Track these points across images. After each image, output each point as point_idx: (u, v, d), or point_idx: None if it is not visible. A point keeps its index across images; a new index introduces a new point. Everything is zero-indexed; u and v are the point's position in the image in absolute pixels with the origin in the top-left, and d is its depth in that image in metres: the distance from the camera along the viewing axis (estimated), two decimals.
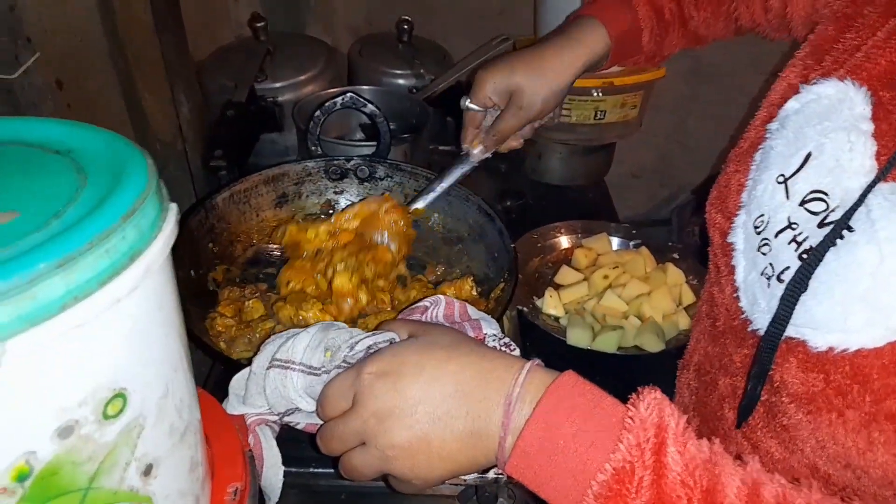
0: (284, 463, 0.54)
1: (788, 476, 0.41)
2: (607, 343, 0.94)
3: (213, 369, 0.76)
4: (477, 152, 0.79)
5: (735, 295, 0.56)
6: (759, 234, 0.52)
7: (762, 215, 0.53)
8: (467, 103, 0.75)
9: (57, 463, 0.30)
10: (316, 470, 0.65)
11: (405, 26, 1.30)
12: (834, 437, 0.47)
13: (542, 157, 1.31)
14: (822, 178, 0.48)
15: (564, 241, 1.15)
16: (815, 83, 0.52)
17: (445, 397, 0.44)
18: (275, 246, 0.80)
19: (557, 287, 1.05)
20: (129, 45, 0.92)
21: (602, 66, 0.79)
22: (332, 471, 0.65)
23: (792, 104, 0.53)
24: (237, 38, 1.34)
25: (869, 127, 0.47)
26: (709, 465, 0.39)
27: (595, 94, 1.23)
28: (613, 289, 1.03)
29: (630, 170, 1.74)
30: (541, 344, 0.95)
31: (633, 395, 0.42)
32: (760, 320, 0.52)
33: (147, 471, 0.35)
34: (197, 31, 1.12)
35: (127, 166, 0.34)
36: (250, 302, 0.69)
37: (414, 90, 1.21)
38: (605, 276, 1.05)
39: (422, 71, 1.27)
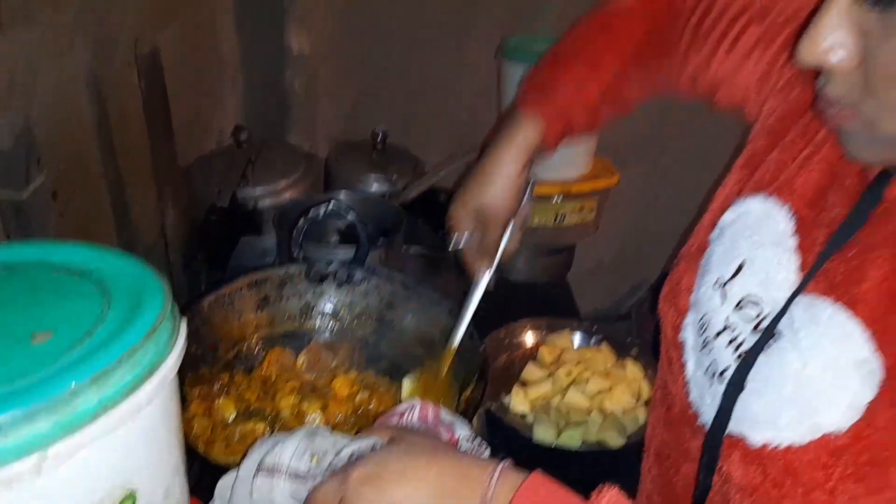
0: None
1: None
2: (571, 439, 0.98)
3: (189, 471, 0.78)
4: (487, 274, 0.81)
5: (686, 389, 0.61)
6: (702, 334, 0.58)
7: (704, 316, 0.59)
8: (454, 243, 0.79)
9: None
10: None
11: (380, 135, 1.39)
12: None
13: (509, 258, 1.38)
14: (754, 286, 0.54)
15: (530, 338, 1.20)
16: (746, 197, 0.58)
17: (426, 499, 0.47)
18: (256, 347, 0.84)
19: (524, 384, 1.10)
20: (121, 157, 0.99)
21: (546, 153, 0.80)
22: None
23: (728, 215, 0.60)
24: (221, 146, 1.42)
25: (793, 242, 0.53)
26: None
27: (555, 200, 1.32)
28: (576, 385, 1.08)
29: (591, 267, 1.82)
30: (508, 440, 0.99)
31: (594, 493, 0.47)
32: (707, 414, 0.57)
33: None
34: (184, 139, 1.20)
35: (146, 289, 0.39)
36: (220, 400, 0.72)
37: (388, 195, 1.29)
38: (569, 373, 1.10)
39: (395, 177, 1.35)
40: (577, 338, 1.21)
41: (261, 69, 1.54)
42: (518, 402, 1.06)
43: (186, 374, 0.72)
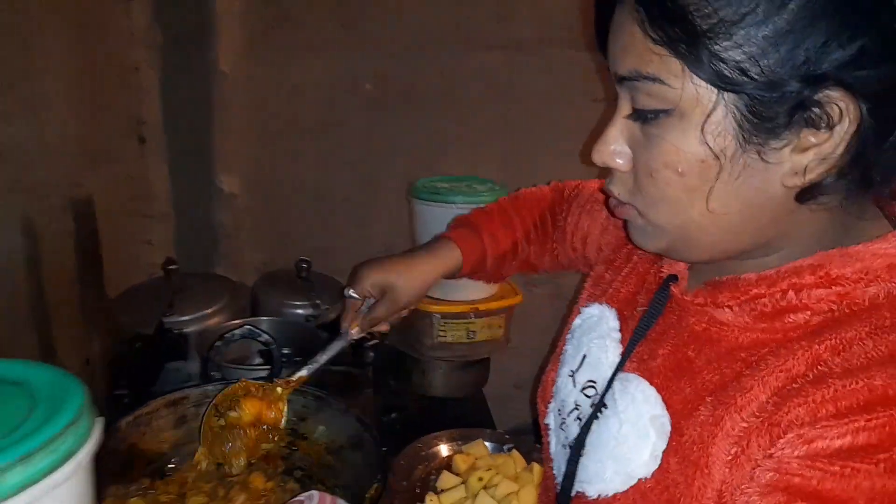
0: None
1: None
2: None
3: None
4: (354, 332, 0.91)
5: (550, 464, 0.71)
6: (559, 415, 0.70)
7: (562, 401, 0.71)
8: (349, 292, 0.90)
9: None
10: None
11: (304, 265, 1.50)
12: None
13: (425, 372, 1.47)
14: (593, 372, 0.68)
15: (444, 449, 1.27)
16: (587, 306, 0.73)
17: None
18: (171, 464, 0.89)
19: (439, 492, 1.16)
20: (49, 291, 1.06)
21: (457, 276, 0.97)
22: None
23: (577, 321, 0.74)
24: (150, 277, 1.49)
25: (617, 335, 0.68)
26: None
27: (470, 317, 1.44)
28: (487, 489, 1.14)
29: (512, 381, 1.91)
30: None
31: None
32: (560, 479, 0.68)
33: None
34: (114, 273, 1.27)
35: (68, 391, 0.47)
36: (133, 499, 0.76)
37: (310, 319, 1.38)
38: (480, 478, 1.16)
39: (318, 302, 1.45)
40: (490, 446, 1.28)
41: (191, 207, 1.66)
42: None
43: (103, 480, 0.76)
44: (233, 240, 1.74)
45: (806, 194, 0.49)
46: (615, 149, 0.54)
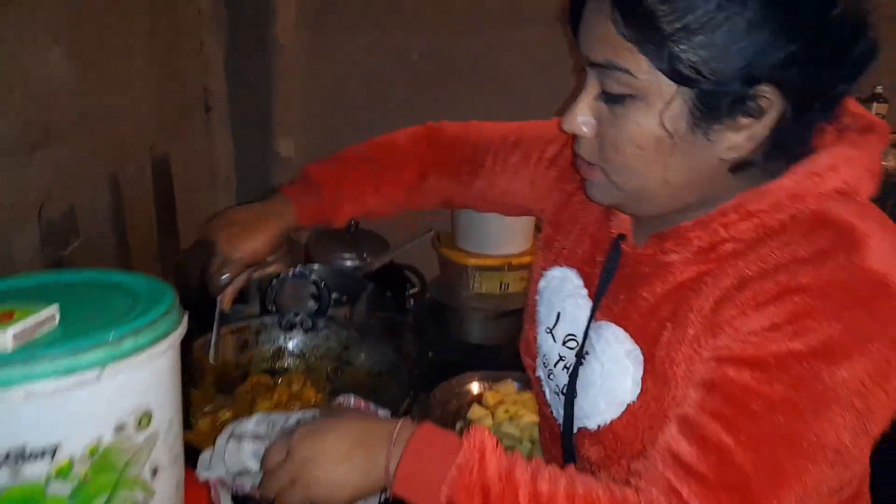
0: None
1: None
2: None
3: None
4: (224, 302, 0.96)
5: (549, 409, 0.83)
6: (546, 367, 0.82)
7: (546, 355, 0.83)
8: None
9: (110, 449, 0.54)
10: None
11: (352, 222, 1.64)
12: (623, 477, 0.72)
13: (462, 321, 1.60)
14: (570, 326, 0.79)
15: (476, 387, 1.40)
16: (549, 269, 0.84)
17: (349, 445, 0.67)
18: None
19: (468, 422, 1.29)
20: (132, 242, 1.23)
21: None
22: None
23: (542, 283, 0.85)
24: None
25: (584, 291, 0.79)
26: (509, 460, 0.63)
27: (503, 270, 1.56)
28: (512, 420, 1.27)
29: None
30: None
31: (467, 430, 0.67)
32: (560, 421, 0.80)
33: (155, 472, 0.59)
34: (184, 229, 1.44)
35: (162, 293, 0.62)
36: (222, 410, 0.92)
37: (357, 270, 1.52)
38: (507, 411, 1.29)
39: (364, 255, 1.59)
40: (517, 386, 1.41)
41: (251, 170, 1.82)
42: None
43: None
44: None
45: (737, 166, 0.62)
46: (583, 119, 0.65)
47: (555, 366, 0.80)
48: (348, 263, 1.60)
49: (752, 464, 0.57)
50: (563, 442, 0.80)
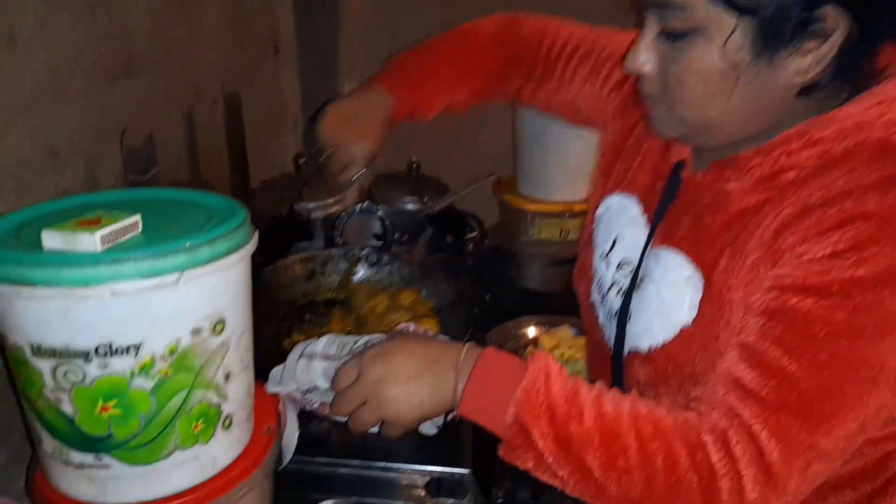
0: (299, 452, 0.79)
1: None
2: None
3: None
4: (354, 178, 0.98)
5: (601, 333, 0.84)
6: (600, 292, 0.83)
7: (600, 280, 0.83)
8: (323, 155, 0.96)
9: (188, 350, 0.57)
10: (321, 459, 0.88)
11: (414, 165, 1.66)
12: (671, 401, 0.72)
13: (520, 266, 1.61)
14: (625, 252, 0.80)
15: (532, 331, 1.41)
16: (608, 196, 0.85)
17: (419, 364, 0.69)
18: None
19: None
20: (205, 174, 1.27)
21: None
22: (329, 459, 0.88)
23: (600, 210, 0.86)
24: (282, 174, 1.70)
25: (642, 218, 0.79)
26: (574, 383, 0.65)
27: (564, 216, 1.55)
28: (567, 363, 1.28)
29: None
30: None
31: (530, 354, 0.68)
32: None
33: (227, 377, 0.62)
34: (253, 168, 1.49)
35: (235, 210, 0.64)
36: (297, 335, 0.96)
37: (418, 212, 1.54)
38: (562, 354, 1.30)
39: (425, 199, 1.60)
40: (574, 331, 1.41)
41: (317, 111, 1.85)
42: None
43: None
44: None
45: (805, 90, 0.62)
46: (644, 59, 0.65)
47: (609, 291, 0.81)
48: (409, 207, 1.63)
49: (813, 387, 0.57)
50: (612, 364, 0.81)
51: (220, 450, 0.63)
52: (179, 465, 0.60)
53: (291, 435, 0.78)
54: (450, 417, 0.75)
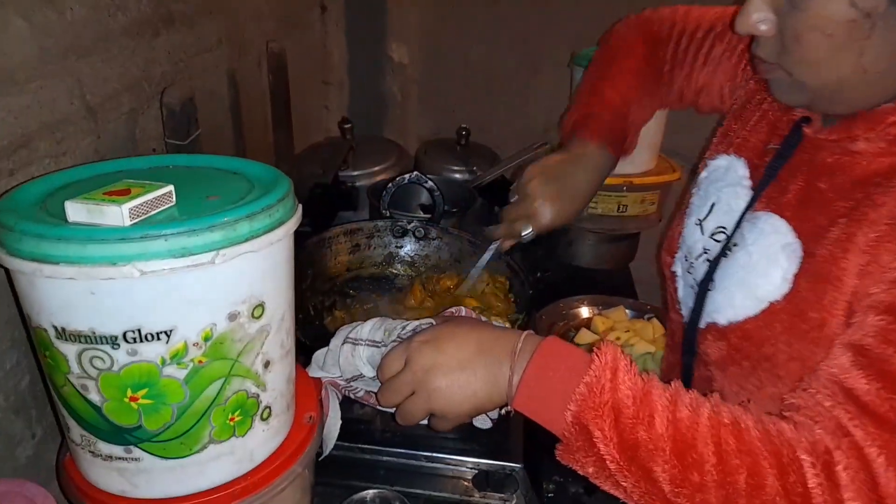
0: (341, 439, 0.74)
1: None
2: None
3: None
4: (523, 233, 0.91)
5: (678, 307, 0.76)
6: (687, 261, 0.74)
7: (689, 247, 0.75)
8: (512, 196, 0.90)
9: (224, 336, 0.52)
10: (363, 446, 0.83)
11: (464, 132, 1.58)
12: (741, 383, 0.65)
13: (572, 243, 1.52)
14: (722, 217, 0.71)
15: (585, 311, 1.33)
16: (714, 158, 0.77)
17: (471, 353, 0.63)
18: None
19: (577, 345, 1.24)
20: (248, 139, 1.22)
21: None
22: (371, 446, 0.83)
23: (704, 173, 0.78)
24: (327, 138, 1.65)
25: (747, 181, 0.71)
26: (645, 382, 0.58)
27: (622, 190, 1.46)
28: (623, 348, 1.20)
29: (653, 258, 1.92)
30: None
31: (597, 347, 0.61)
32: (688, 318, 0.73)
33: (266, 365, 0.57)
34: (298, 130, 1.43)
35: (278, 181, 0.58)
36: (338, 312, 0.91)
37: (466, 182, 1.46)
38: (618, 338, 1.22)
39: (474, 168, 1.53)
40: (629, 313, 1.33)
41: (364, 75, 1.78)
42: None
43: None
44: (400, 107, 1.85)
45: None
46: (758, 17, 0.57)
47: (696, 258, 0.74)
48: (457, 176, 1.55)
49: None
50: (685, 338, 0.74)
51: (258, 443, 0.58)
52: (214, 460, 0.55)
53: (333, 424, 0.72)
54: (504, 411, 0.69)
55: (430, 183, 1.06)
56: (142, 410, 0.51)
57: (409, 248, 1.07)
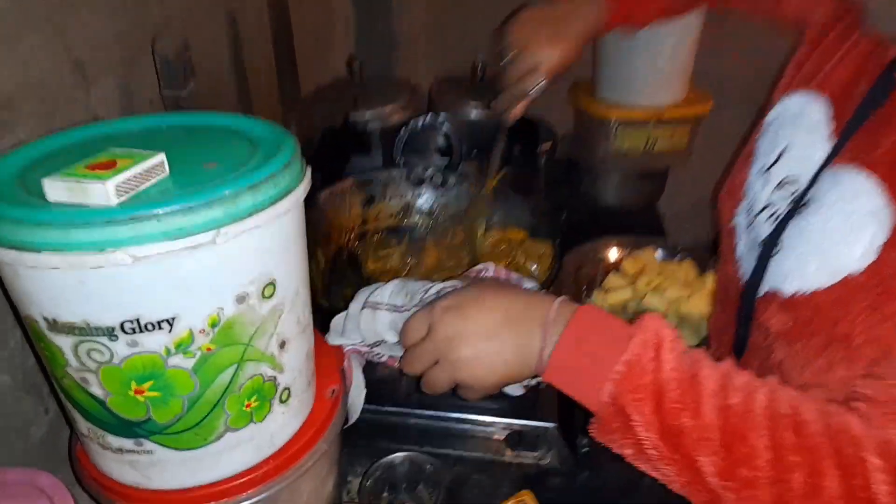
0: (366, 401, 0.70)
1: None
2: None
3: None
4: (532, 90, 0.85)
5: (735, 265, 0.69)
6: (749, 215, 0.67)
7: (752, 200, 0.67)
8: (506, 59, 0.84)
9: (233, 320, 0.47)
10: (390, 408, 0.80)
11: (479, 65, 1.48)
12: (806, 362, 0.59)
13: (596, 181, 1.45)
14: (792, 167, 0.63)
15: (614, 253, 1.28)
16: (787, 96, 0.67)
17: (498, 321, 0.58)
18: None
19: (605, 290, 1.18)
20: (252, 85, 1.14)
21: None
22: (398, 408, 0.80)
23: (772, 113, 0.68)
24: (335, 79, 1.56)
25: (827, 126, 0.61)
26: (693, 361, 0.52)
27: (650, 125, 1.37)
28: (655, 292, 1.15)
29: (690, 198, 1.84)
30: None
31: (638, 318, 0.56)
32: (747, 279, 0.66)
33: (282, 345, 0.52)
34: (304, 71, 1.34)
35: (282, 142, 0.52)
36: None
37: (485, 118, 1.38)
38: (649, 282, 1.17)
39: (490, 102, 1.44)
40: (660, 254, 1.27)
41: (370, 12, 1.67)
42: (597, 303, 1.14)
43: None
44: (409, 44, 1.75)
45: None
46: None
47: (759, 213, 0.66)
48: (473, 114, 1.47)
49: None
50: (741, 304, 0.66)
51: (278, 426, 0.55)
52: (232, 448, 0.52)
53: (358, 393, 0.69)
54: (535, 382, 0.65)
55: (447, 126, 0.99)
56: (150, 403, 0.47)
57: (427, 197, 1.01)
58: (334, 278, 0.90)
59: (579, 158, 1.44)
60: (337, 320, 0.70)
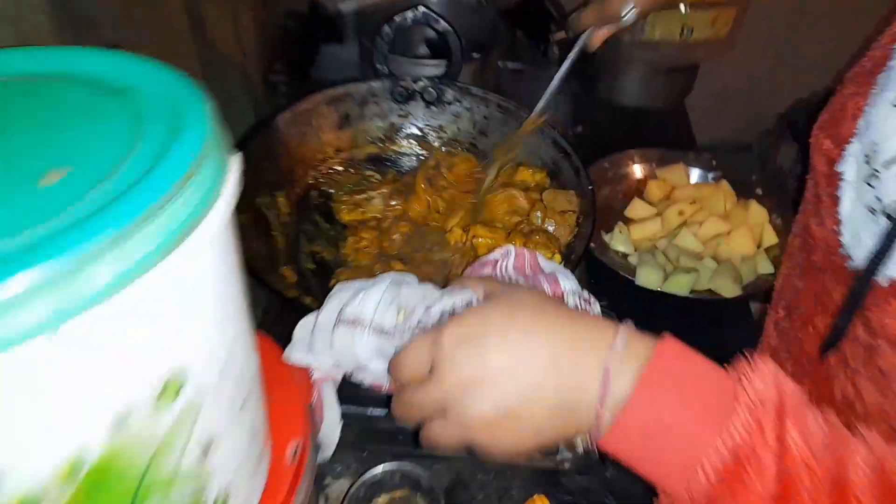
0: (343, 401, 0.52)
1: (883, 420, 0.36)
2: (679, 286, 0.89)
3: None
4: (596, 32, 0.75)
5: (835, 228, 0.50)
6: (868, 163, 0.46)
7: (877, 144, 0.46)
8: None
9: (110, 455, 0.27)
10: (375, 412, 0.64)
11: None
12: None
13: (617, 77, 1.21)
14: None
15: (638, 171, 1.07)
16: None
17: (534, 367, 0.40)
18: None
19: (627, 221, 0.99)
20: None
21: None
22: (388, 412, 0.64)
23: None
24: None
25: None
26: (832, 444, 0.36)
27: (683, 9, 1.11)
28: (688, 227, 0.96)
29: (713, 90, 1.61)
30: (606, 282, 0.90)
31: (743, 365, 0.38)
32: (859, 257, 0.47)
33: (206, 449, 0.33)
34: None
35: (188, 112, 0.30)
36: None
37: (484, 1, 1.11)
38: (681, 213, 0.98)
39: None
40: (692, 173, 1.07)
41: None
42: (620, 240, 0.96)
43: (261, 199, 0.65)
44: None
45: None
46: None
47: (886, 166, 0.45)
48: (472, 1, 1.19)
49: None
50: (852, 288, 0.48)
51: None
52: None
53: (333, 427, 0.51)
54: (583, 450, 0.47)
55: (443, 24, 0.74)
56: None
57: (416, 116, 0.78)
58: (300, 232, 0.69)
59: (599, 49, 1.19)
60: (303, 329, 0.50)
